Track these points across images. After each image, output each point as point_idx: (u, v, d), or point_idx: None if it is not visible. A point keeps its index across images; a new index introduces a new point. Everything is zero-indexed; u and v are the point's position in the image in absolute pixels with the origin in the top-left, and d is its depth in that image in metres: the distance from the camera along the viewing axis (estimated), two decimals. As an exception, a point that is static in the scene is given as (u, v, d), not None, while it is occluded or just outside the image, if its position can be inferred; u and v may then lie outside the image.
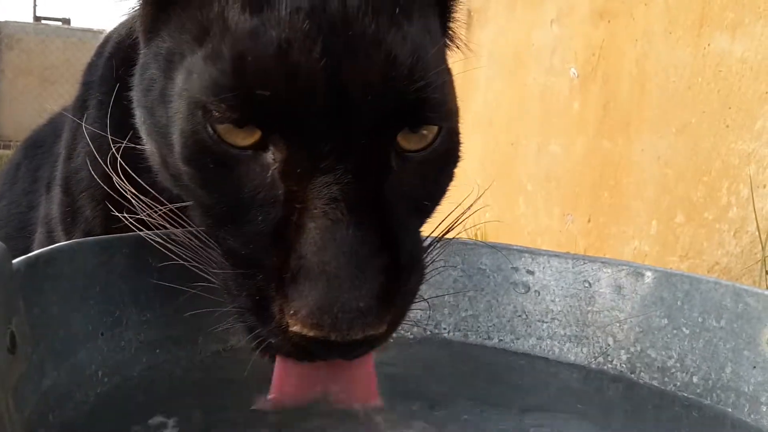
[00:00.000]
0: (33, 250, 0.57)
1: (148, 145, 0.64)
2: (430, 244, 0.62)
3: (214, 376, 0.71)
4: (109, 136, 0.68)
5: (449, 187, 0.63)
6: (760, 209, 1.24)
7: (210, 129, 0.52)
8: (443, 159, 0.59)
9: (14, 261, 0.50)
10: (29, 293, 0.52)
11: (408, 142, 0.54)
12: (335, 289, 0.47)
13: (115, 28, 0.90)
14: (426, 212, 0.61)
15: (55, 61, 7.80)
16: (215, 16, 0.53)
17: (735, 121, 1.32)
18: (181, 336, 0.71)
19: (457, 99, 0.65)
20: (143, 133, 0.65)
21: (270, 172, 0.52)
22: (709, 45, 1.39)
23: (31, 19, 8.70)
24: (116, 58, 0.83)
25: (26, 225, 1.07)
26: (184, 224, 0.59)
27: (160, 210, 0.59)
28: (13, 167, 1.19)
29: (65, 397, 0.57)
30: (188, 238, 0.57)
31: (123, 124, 0.70)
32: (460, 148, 0.63)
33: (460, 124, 0.64)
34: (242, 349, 0.75)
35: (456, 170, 0.64)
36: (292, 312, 0.49)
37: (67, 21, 8.91)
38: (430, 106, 0.53)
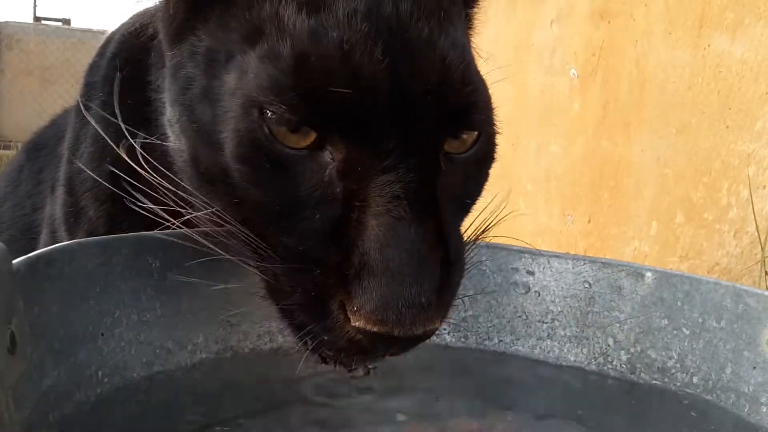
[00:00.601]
0: None
1: (177, 143, 0.63)
2: (467, 243, 0.63)
3: (214, 377, 0.71)
4: (125, 127, 0.69)
5: (485, 187, 0.66)
6: (759, 210, 1.24)
7: (266, 129, 0.52)
8: (482, 161, 0.61)
9: (14, 261, 0.50)
10: (29, 293, 0.52)
11: (450, 146, 0.56)
12: (399, 285, 0.48)
13: (117, 29, 0.90)
14: (466, 210, 0.63)
15: (55, 61, 7.79)
16: (268, 16, 0.54)
17: (735, 122, 1.32)
18: (181, 337, 0.71)
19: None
20: (173, 131, 0.64)
21: (327, 171, 0.52)
22: (709, 45, 1.39)
23: (31, 20, 8.69)
24: (120, 58, 0.83)
25: (31, 227, 1.07)
26: (224, 223, 0.58)
27: (207, 211, 0.58)
28: (16, 169, 1.19)
29: (65, 397, 0.57)
30: (234, 234, 0.57)
31: (128, 126, 0.70)
32: (496, 150, 0.65)
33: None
34: (242, 350, 0.76)
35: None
36: (355, 308, 0.49)
37: (67, 21, 8.90)
38: (479, 109, 0.56)
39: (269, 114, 0.51)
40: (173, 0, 0.63)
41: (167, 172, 0.63)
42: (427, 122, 0.52)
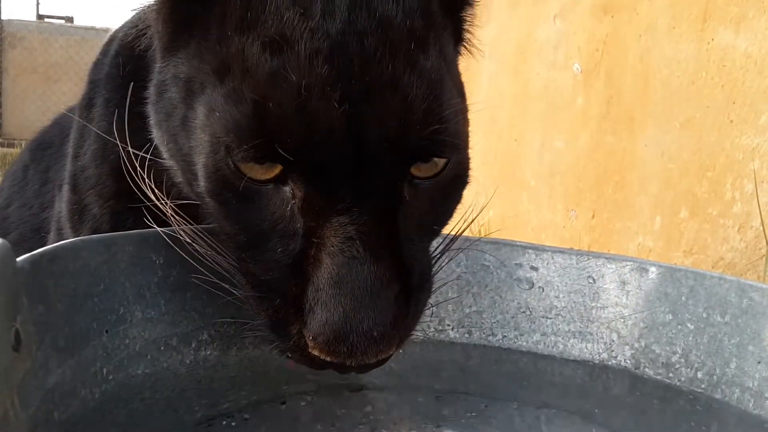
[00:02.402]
0: None
1: (171, 163, 0.66)
2: (437, 254, 0.65)
3: (218, 374, 0.71)
4: (127, 132, 0.69)
5: (457, 209, 0.66)
6: (764, 204, 1.24)
7: (232, 165, 0.54)
8: (452, 184, 0.61)
9: (18, 259, 0.50)
10: (33, 291, 0.52)
11: (419, 170, 0.56)
12: (350, 321, 0.51)
13: (120, 27, 0.90)
14: (435, 233, 0.63)
15: (59, 59, 7.81)
16: (236, 52, 0.54)
17: (739, 116, 1.32)
18: (185, 333, 0.71)
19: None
20: (165, 153, 0.66)
21: (290, 206, 0.54)
22: (713, 39, 1.39)
23: (34, 18, 8.70)
24: (123, 56, 0.83)
25: (41, 226, 1.07)
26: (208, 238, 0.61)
27: (193, 228, 0.61)
28: (21, 169, 1.19)
29: (70, 394, 0.57)
30: (211, 253, 0.60)
31: (131, 123, 0.70)
32: (469, 173, 0.64)
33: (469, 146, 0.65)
34: (246, 346, 0.76)
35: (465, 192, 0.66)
36: (311, 338, 0.52)
37: (70, 19, 8.91)
38: (443, 143, 0.55)
39: (236, 153, 0.53)
40: (160, 19, 0.63)
41: (155, 188, 0.65)
42: (385, 166, 0.53)
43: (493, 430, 0.66)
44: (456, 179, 0.61)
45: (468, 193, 0.65)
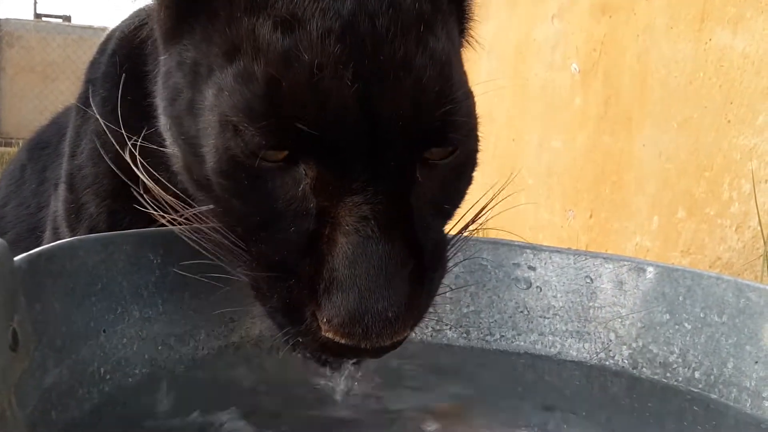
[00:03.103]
0: None
1: (172, 149, 0.65)
2: (452, 239, 0.65)
3: (216, 373, 0.71)
4: (124, 130, 0.69)
5: (468, 190, 0.66)
6: (762, 204, 1.24)
7: (242, 144, 0.53)
8: (463, 166, 0.61)
9: (16, 258, 0.50)
10: (31, 290, 0.52)
11: (431, 153, 0.56)
12: (366, 301, 0.50)
13: (117, 26, 0.90)
14: (448, 214, 0.63)
15: (56, 58, 7.79)
16: (246, 32, 0.54)
17: (737, 116, 1.32)
18: (183, 333, 0.71)
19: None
20: (168, 138, 0.66)
21: (302, 186, 0.54)
22: (710, 40, 1.39)
23: (31, 17, 8.69)
24: (120, 55, 0.83)
25: (36, 226, 1.07)
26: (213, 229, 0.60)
27: (187, 212, 0.61)
28: (18, 169, 1.19)
29: (67, 394, 0.57)
30: (218, 236, 0.59)
31: (129, 121, 0.70)
32: (478, 155, 0.65)
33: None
34: (244, 345, 0.76)
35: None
36: (325, 320, 0.52)
37: (67, 18, 8.90)
38: (456, 127, 0.55)
39: (246, 134, 0.52)
40: (163, 7, 0.63)
41: (160, 177, 0.64)
42: (398, 146, 0.53)
43: (490, 429, 0.66)
44: (467, 161, 0.62)
45: (468, 193, 0.65)
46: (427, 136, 0.54)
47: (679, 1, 1.49)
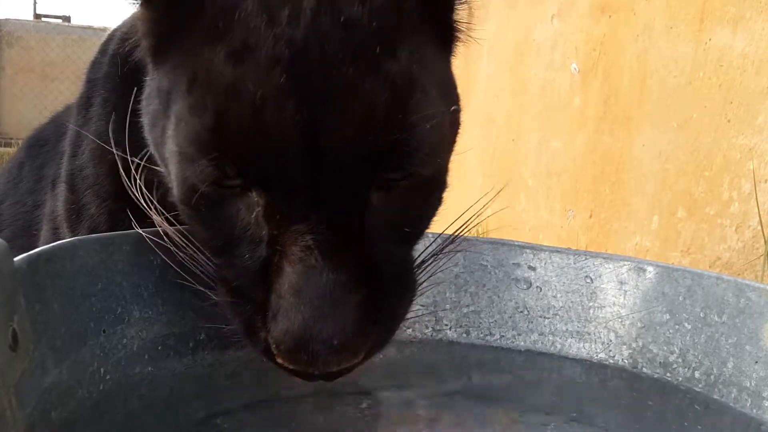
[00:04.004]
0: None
1: (162, 168, 0.66)
2: (423, 261, 0.64)
3: (216, 373, 0.71)
4: (129, 133, 0.70)
5: (437, 212, 0.64)
6: (762, 204, 1.24)
7: (199, 173, 0.54)
8: (425, 188, 0.59)
9: (15, 258, 0.50)
10: (30, 291, 0.52)
11: (390, 173, 0.55)
12: (311, 329, 0.50)
13: (118, 26, 0.90)
14: (412, 237, 0.61)
15: (56, 58, 7.80)
16: (202, 63, 0.54)
17: (736, 116, 1.32)
18: (183, 333, 0.71)
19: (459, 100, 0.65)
20: (156, 159, 0.67)
21: (255, 213, 0.54)
22: (710, 40, 1.39)
23: (31, 17, 8.70)
24: (120, 56, 0.83)
25: (32, 224, 1.07)
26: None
27: (177, 230, 0.62)
28: (16, 166, 1.18)
29: (67, 394, 0.57)
30: (188, 257, 0.61)
31: (130, 124, 0.70)
32: (446, 173, 0.63)
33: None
34: (244, 345, 0.76)
35: (445, 195, 0.64)
36: (274, 346, 0.52)
37: (67, 18, 8.90)
38: (410, 153, 0.53)
39: (198, 166, 0.53)
40: (146, 33, 0.63)
41: (146, 192, 0.65)
42: (344, 173, 0.52)
43: (490, 429, 0.66)
44: (430, 181, 0.59)
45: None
46: (375, 163, 0.53)
47: (678, 1, 1.49)
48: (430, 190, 0.60)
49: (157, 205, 0.63)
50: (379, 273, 0.55)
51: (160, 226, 0.62)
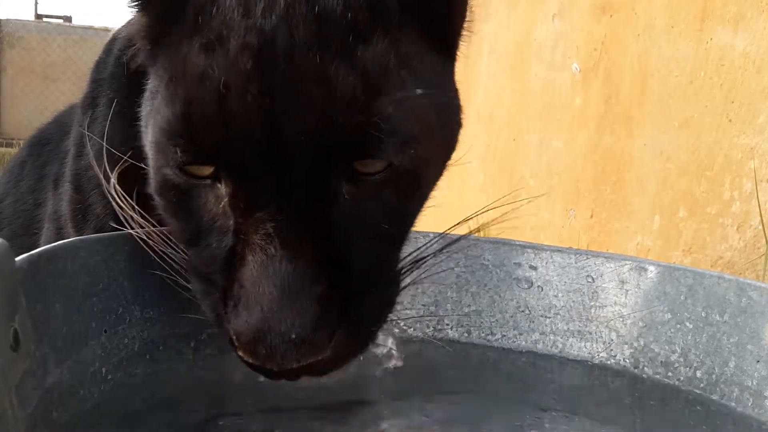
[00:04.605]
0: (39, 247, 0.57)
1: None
2: (414, 261, 0.63)
3: (217, 373, 0.71)
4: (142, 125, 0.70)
5: (419, 210, 0.63)
6: (763, 203, 1.24)
7: (172, 163, 0.55)
8: (405, 181, 0.56)
9: (17, 258, 0.50)
10: (32, 290, 0.52)
11: (364, 166, 0.54)
12: (270, 321, 0.49)
13: (123, 26, 0.90)
14: (391, 235, 0.58)
15: (57, 58, 7.80)
16: (180, 57, 0.55)
17: (738, 116, 1.32)
18: (184, 333, 0.71)
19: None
20: None
21: (222, 203, 0.55)
22: (711, 39, 1.39)
23: (32, 17, 8.70)
24: (126, 56, 0.83)
25: (32, 222, 1.07)
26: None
27: (154, 230, 0.63)
28: (18, 165, 1.18)
29: (69, 394, 0.57)
30: (173, 250, 0.61)
31: (133, 122, 0.70)
32: (429, 169, 0.60)
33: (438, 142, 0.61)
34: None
35: (430, 191, 0.63)
36: (234, 337, 0.52)
37: (68, 18, 8.91)
38: (378, 139, 0.51)
39: (170, 154, 0.54)
40: (143, 39, 0.64)
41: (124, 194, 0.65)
42: (305, 160, 0.51)
43: (491, 429, 0.66)
44: (409, 177, 0.56)
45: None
46: (342, 150, 0.52)
47: (679, 1, 1.49)
48: (409, 185, 0.57)
49: (133, 203, 0.64)
50: (347, 268, 0.53)
51: (137, 222, 0.63)
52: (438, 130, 0.61)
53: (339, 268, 0.53)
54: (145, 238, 0.63)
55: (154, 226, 0.63)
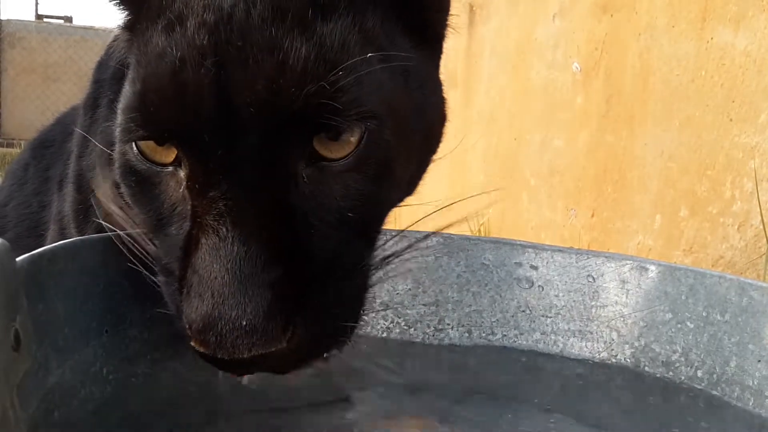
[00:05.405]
0: None
1: None
2: (390, 255, 0.61)
3: (218, 374, 0.71)
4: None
5: (386, 201, 0.60)
6: (764, 203, 1.23)
7: (134, 147, 0.55)
8: (371, 168, 0.54)
9: (18, 259, 0.50)
10: (33, 291, 0.52)
11: (328, 150, 0.52)
12: (220, 307, 0.47)
13: None
14: (358, 223, 0.55)
15: (58, 59, 7.81)
16: (144, 41, 0.55)
17: (739, 115, 1.31)
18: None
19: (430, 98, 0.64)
20: None
21: (182, 187, 0.54)
22: (712, 38, 1.39)
23: (33, 18, 8.71)
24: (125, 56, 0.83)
25: (38, 225, 1.07)
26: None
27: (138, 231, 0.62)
28: (21, 168, 1.19)
29: (70, 394, 0.57)
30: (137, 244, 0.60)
31: None
32: (399, 157, 0.57)
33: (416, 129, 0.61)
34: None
35: (404, 182, 0.62)
36: (186, 326, 0.49)
37: (69, 19, 8.92)
38: (332, 109, 0.49)
39: (130, 132, 0.54)
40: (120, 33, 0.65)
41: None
42: (257, 134, 0.49)
43: (491, 429, 0.66)
44: (376, 164, 0.54)
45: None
46: (295, 123, 0.50)
47: (680, 0, 1.49)
48: (376, 172, 0.54)
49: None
50: (307, 256, 0.51)
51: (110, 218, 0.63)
52: (413, 118, 0.59)
53: (297, 255, 0.50)
54: (122, 235, 0.62)
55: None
